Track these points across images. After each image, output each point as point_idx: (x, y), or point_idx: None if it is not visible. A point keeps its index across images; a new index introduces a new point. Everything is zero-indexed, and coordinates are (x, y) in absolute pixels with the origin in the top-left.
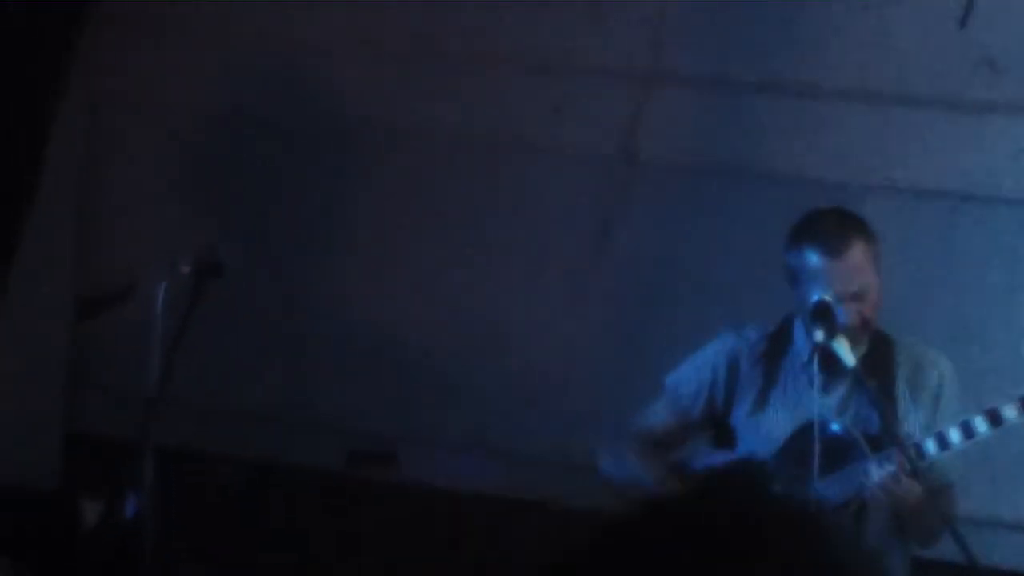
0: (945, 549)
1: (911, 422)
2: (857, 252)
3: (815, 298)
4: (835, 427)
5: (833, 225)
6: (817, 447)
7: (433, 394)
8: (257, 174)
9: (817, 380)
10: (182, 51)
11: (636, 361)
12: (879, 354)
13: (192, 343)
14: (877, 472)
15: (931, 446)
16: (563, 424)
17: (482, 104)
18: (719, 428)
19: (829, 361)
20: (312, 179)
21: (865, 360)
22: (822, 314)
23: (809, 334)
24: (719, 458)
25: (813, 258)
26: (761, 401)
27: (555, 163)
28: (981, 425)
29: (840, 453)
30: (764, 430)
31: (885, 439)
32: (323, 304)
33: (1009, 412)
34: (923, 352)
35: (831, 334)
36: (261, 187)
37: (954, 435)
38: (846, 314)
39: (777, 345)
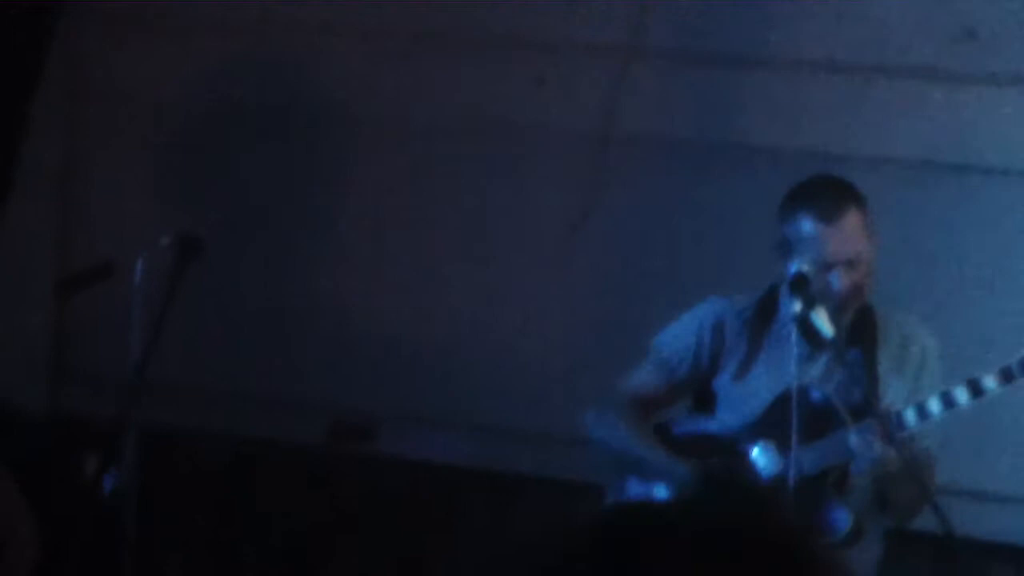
0: (924, 520)
1: (892, 394)
2: (852, 219)
3: (793, 269)
4: (816, 396)
5: (828, 192)
6: (795, 417)
7: (414, 370)
8: (242, 158)
9: (795, 351)
10: (169, 41)
11: (619, 336)
12: (863, 325)
13: (174, 323)
14: (856, 442)
15: (911, 416)
16: (543, 398)
17: (461, 81)
18: (700, 393)
19: (811, 331)
20: (294, 161)
21: (849, 330)
22: (800, 285)
23: (789, 303)
24: (698, 425)
25: (808, 225)
26: (744, 367)
27: (535, 140)
28: (962, 395)
29: (820, 422)
30: (745, 396)
31: (866, 409)
32: (304, 284)
33: (989, 383)
34: (908, 325)
35: (809, 305)
36: (246, 170)
37: (934, 405)
38: (839, 281)
39: (763, 313)
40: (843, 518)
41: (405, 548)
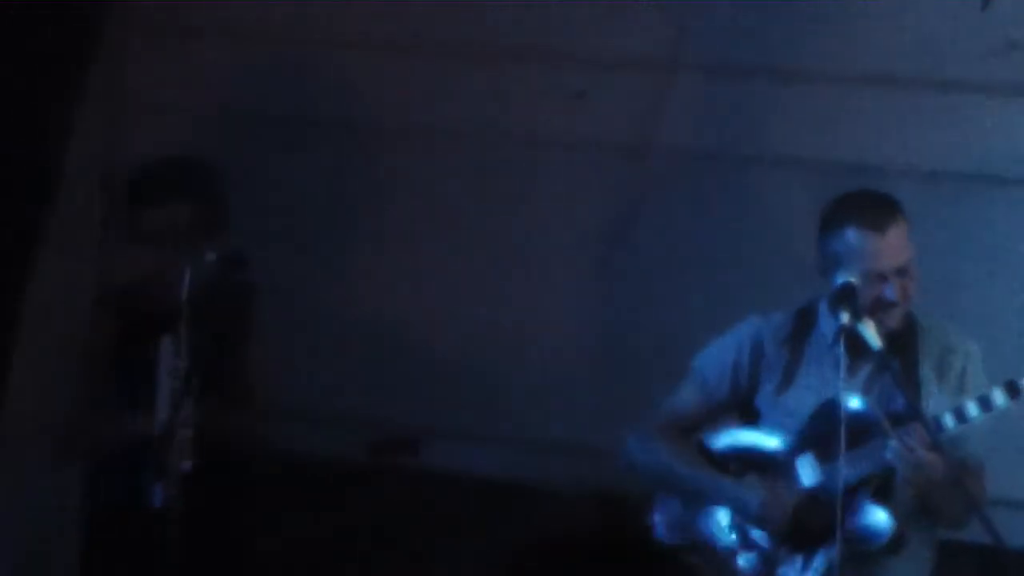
0: (973, 531)
1: (935, 403)
2: (899, 228)
3: (840, 280)
4: (858, 405)
5: (873, 203)
6: (843, 428)
7: (454, 385)
8: (279, 171)
9: (844, 363)
10: (193, 53)
11: (657, 350)
12: (904, 334)
13: None
14: (897, 448)
15: (949, 419)
16: (582, 412)
17: (501, 96)
18: (743, 410)
19: (854, 343)
20: (335, 176)
21: (891, 341)
22: (846, 297)
23: (834, 316)
24: (738, 440)
25: (858, 237)
26: (786, 380)
27: (575, 153)
28: (999, 397)
29: (862, 431)
30: (788, 408)
31: (907, 417)
32: (344, 299)
33: None
34: (949, 334)
35: (856, 316)
36: (287, 185)
37: (972, 408)
38: (892, 290)
39: (801, 327)
40: (884, 525)
41: (443, 560)
